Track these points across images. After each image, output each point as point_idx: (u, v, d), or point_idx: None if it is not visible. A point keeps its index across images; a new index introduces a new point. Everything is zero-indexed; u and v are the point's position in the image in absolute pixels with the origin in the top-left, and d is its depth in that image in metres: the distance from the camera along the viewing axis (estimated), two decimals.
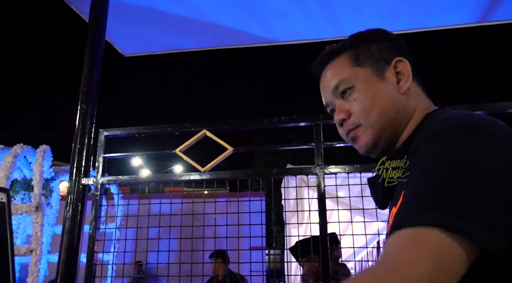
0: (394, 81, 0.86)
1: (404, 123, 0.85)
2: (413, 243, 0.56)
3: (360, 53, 0.89)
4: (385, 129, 0.85)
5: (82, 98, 2.31)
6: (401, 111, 0.85)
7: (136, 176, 2.22)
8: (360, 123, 0.87)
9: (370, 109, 0.84)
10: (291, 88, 34.60)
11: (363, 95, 0.85)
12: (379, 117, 0.84)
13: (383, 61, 0.87)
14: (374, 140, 0.86)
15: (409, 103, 0.86)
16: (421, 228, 0.57)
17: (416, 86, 0.89)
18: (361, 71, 0.87)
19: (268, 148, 6.33)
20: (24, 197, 4.61)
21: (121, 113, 38.97)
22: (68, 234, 2.08)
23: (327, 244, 1.93)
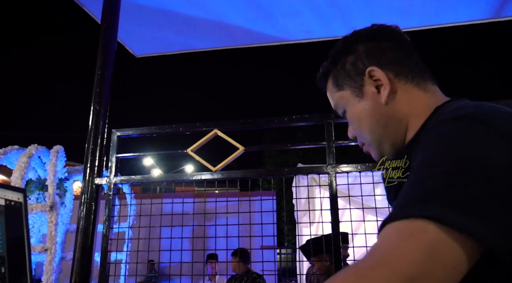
0: (374, 92, 0.83)
1: (401, 129, 0.82)
2: (405, 234, 0.53)
3: (338, 75, 0.89)
4: (383, 143, 0.85)
5: (95, 98, 2.34)
6: (390, 122, 0.82)
7: (148, 176, 2.24)
8: (363, 143, 0.91)
9: (361, 131, 0.87)
10: (303, 87, 34.46)
11: (352, 119, 0.89)
12: (371, 136, 0.86)
13: (358, 76, 0.85)
14: (379, 153, 0.88)
15: (398, 108, 0.82)
16: (415, 220, 0.54)
17: (405, 85, 0.82)
18: (344, 95, 0.88)
19: (279, 147, 6.33)
20: (39, 196, 4.68)
21: (133, 113, 39.28)
22: (82, 233, 2.10)
23: (339, 243, 1.92)
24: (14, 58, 45.20)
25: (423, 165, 0.61)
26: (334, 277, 0.55)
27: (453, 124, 0.63)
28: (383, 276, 0.50)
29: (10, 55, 45.64)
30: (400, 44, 0.86)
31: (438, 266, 0.51)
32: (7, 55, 45.51)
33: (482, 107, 0.65)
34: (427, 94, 0.82)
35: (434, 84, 0.85)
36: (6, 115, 42.49)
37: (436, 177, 0.57)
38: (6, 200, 0.81)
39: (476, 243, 0.52)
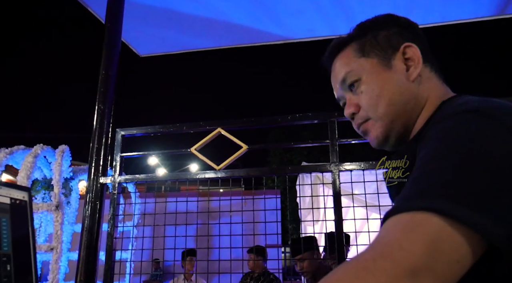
0: (403, 69, 0.81)
1: (415, 114, 0.80)
2: (408, 226, 0.52)
3: (366, 43, 0.85)
4: (395, 121, 0.80)
5: (99, 98, 2.35)
6: (412, 101, 0.80)
7: (152, 175, 2.25)
8: (369, 117, 0.83)
9: (377, 101, 0.81)
10: (307, 86, 34.44)
11: (370, 87, 0.82)
12: (387, 109, 0.80)
13: (390, 49, 0.83)
14: (384, 133, 0.82)
15: (420, 91, 0.80)
16: (419, 213, 0.53)
17: (429, 72, 0.83)
18: (367, 62, 0.83)
19: (283, 146, 6.33)
20: (45, 196, 4.72)
21: (137, 112, 39.37)
22: (87, 232, 2.12)
23: (343, 241, 1.92)
24: (17, 59, 45.58)
25: (427, 159, 0.61)
26: (337, 269, 0.55)
27: (458, 118, 0.63)
28: (385, 268, 0.49)
29: (14, 57, 46.02)
30: (422, 37, 0.86)
31: (441, 259, 0.50)
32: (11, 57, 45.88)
33: (486, 102, 0.65)
34: (443, 87, 0.83)
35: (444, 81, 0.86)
36: (11, 116, 42.83)
37: (440, 170, 0.57)
38: (11, 198, 0.82)
39: (480, 236, 0.52)
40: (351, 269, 0.52)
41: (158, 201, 2.39)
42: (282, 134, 15.31)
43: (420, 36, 0.86)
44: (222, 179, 2.18)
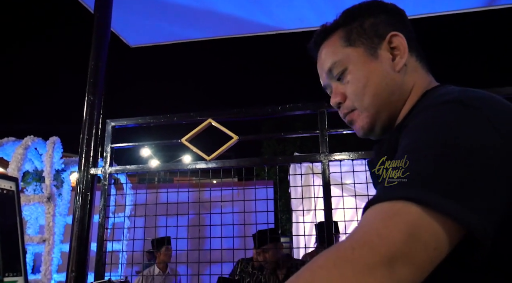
0: (389, 59, 0.81)
1: (400, 103, 0.81)
2: (387, 215, 0.54)
3: (352, 31, 0.84)
4: (381, 112, 0.81)
5: (89, 89, 2.34)
6: (397, 91, 0.80)
7: (143, 166, 2.26)
8: (354, 107, 0.84)
9: (363, 92, 0.81)
10: (298, 76, 34.36)
11: (356, 77, 0.82)
12: (373, 100, 0.81)
13: (377, 38, 0.82)
14: (370, 123, 0.83)
15: (405, 81, 0.81)
16: (397, 202, 0.54)
17: (415, 62, 0.83)
18: (353, 51, 0.83)
19: (273, 136, 6.34)
20: (36, 188, 4.70)
21: (129, 104, 39.08)
22: (78, 223, 2.12)
23: (332, 230, 1.95)
24: (6, 51, 44.87)
25: (407, 149, 0.62)
26: (317, 257, 0.56)
27: (438, 109, 0.64)
28: (363, 256, 0.50)
29: (2, 48, 45.30)
30: (409, 26, 0.86)
31: (419, 246, 0.51)
32: None
33: (467, 92, 0.66)
34: (428, 76, 0.84)
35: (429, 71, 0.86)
36: (1, 108, 42.32)
37: (419, 161, 0.58)
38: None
39: (457, 224, 0.53)
40: (330, 257, 0.53)
41: (149, 192, 2.40)
42: (275, 126, 15.33)
43: (407, 24, 0.85)
44: (213, 170, 2.19)
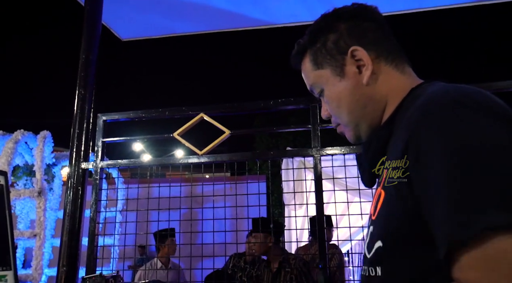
0: (356, 72, 0.83)
1: (378, 110, 0.84)
2: (488, 263, 0.54)
3: (317, 53, 0.87)
4: (360, 124, 0.85)
5: (80, 83, 2.32)
6: (370, 103, 0.83)
7: (134, 160, 2.25)
8: (338, 123, 0.90)
9: (338, 111, 0.87)
10: (291, 71, 34.30)
11: (330, 98, 0.87)
12: (349, 117, 0.85)
13: (340, 55, 0.84)
14: (354, 135, 0.88)
15: (377, 89, 0.83)
16: (484, 240, 0.53)
17: (385, 66, 0.83)
18: (323, 74, 0.87)
19: (265, 131, 6.35)
20: (27, 182, 4.65)
21: (120, 98, 38.81)
22: (70, 217, 2.11)
23: (323, 224, 1.96)
24: None
25: (446, 169, 0.59)
26: None
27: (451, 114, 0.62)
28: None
29: None
30: (380, 25, 0.86)
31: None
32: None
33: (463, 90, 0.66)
34: (405, 76, 0.84)
35: (409, 66, 0.86)
36: None
37: (467, 180, 0.57)
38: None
39: None
40: None
41: (141, 186, 2.39)
42: (268, 121, 15.32)
43: (369, 29, 0.85)
44: (206, 165, 2.19)
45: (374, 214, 0.78)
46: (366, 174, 0.87)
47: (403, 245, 0.68)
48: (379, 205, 0.76)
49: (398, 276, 0.70)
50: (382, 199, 0.75)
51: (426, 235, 0.63)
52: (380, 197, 0.76)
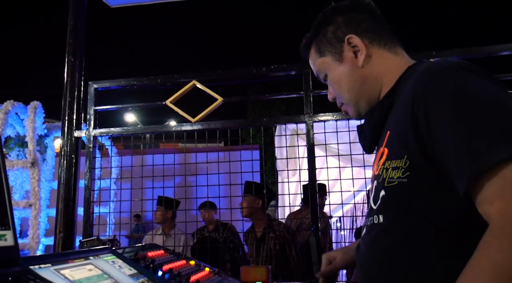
0: (352, 57, 0.95)
1: (376, 88, 0.94)
2: (509, 185, 0.59)
3: (320, 43, 1.00)
4: (360, 101, 0.97)
5: (69, 50, 2.28)
6: (366, 82, 0.94)
7: (128, 128, 2.24)
8: (341, 102, 1.02)
9: (340, 92, 0.99)
10: (287, 37, 33.73)
11: (332, 81, 1.00)
12: (349, 95, 0.97)
13: (338, 43, 0.97)
14: (357, 111, 0.99)
15: (373, 69, 0.94)
16: (503, 169, 0.59)
17: (378, 49, 0.95)
18: (325, 61, 0.99)
19: (258, 97, 6.33)
20: (19, 153, 4.63)
21: (111, 67, 38.08)
22: (64, 185, 2.13)
23: (315, 190, 2.00)
24: None
25: (459, 117, 0.67)
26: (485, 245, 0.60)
27: (455, 73, 0.72)
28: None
29: None
30: (373, 15, 0.98)
31: None
32: None
33: (454, 60, 0.77)
34: (398, 56, 0.95)
35: (402, 49, 0.98)
36: None
37: (480, 122, 0.64)
38: None
39: None
40: None
41: (135, 154, 2.40)
42: (261, 91, 15.22)
43: (363, 19, 0.97)
44: (199, 133, 2.20)
45: (377, 170, 0.86)
46: (367, 140, 0.96)
47: (403, 194, 0.76)
48: (382, 161, 0.84)
49: (398, 221, 0.77)
50: (385, 156, 0.82)
51: (426, 183, 0.72)
52: (383, 155, 0.84)
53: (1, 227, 0.78)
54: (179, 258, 1.34)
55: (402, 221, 0.76)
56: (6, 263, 0.76)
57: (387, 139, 0.84)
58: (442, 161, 0.68)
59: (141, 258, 1.13)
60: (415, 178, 0.74)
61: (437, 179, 0.71)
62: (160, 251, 1.34)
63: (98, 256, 1.05)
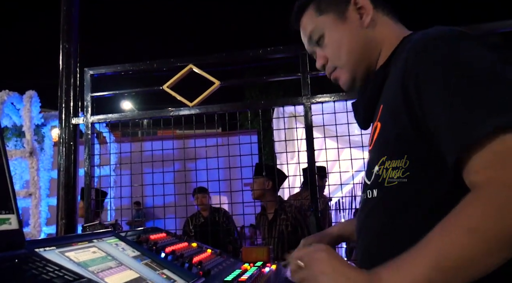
0: (357, 18, 0.92)
1: (375, 54, 0.91)
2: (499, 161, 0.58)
3: (321, 2, 0.95)
4: (358, 65, 0.92)
5: (63, 37, 2.25)
6: (368, 44, 0.91)
7: (126, 113, 2.24)
8: (335, 66, 0.95)
9: (339, 52, 0.93)
10: (281, 21, 33.33)
11: (331, 40, 0.94)
12: (349, 57, 0.92)
13: (343, 3, 0.93)
14: (351, 77, 0.94)
15: (376, 34, 0.91)
16: (492, 140, 0.58)
17: (382, 16, 0.93)
18: (325, 19, 0.94)
19: (255, 80, 6.28)
20: (17, 143, 4.63)
21: (108, 55, 37.66)
22: (64, 172, 2.13)
23: (314, 171, 2.01)
24: None
25: (447, 86, 0.65)
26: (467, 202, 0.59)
27: (447, 42, 0.70)
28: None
29: None
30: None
31: None
32: None
33: (445, 27, 0.75)
34: (397, 26, 0.94)
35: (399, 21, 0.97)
36: None
37: (470, 90, 0.62)
38: None
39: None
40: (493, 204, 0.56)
41: (133, 142, 2.40)
42: (258, 74, 15.15)
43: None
44: (197, 118, 2.19)
45: (371, 145, 0.86)
46: (362, 116, 0.95)
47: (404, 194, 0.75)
48: (375, 136, 0.84)
49: (390, 196, 0.77)
50: (378, 130, 0.83)
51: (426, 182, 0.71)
52: (377, 129, 0.83)
53: (5, 211, 0.79)
54: (181, 241, 1.36)
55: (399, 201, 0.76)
56: (11, 245, 0.77)
57: (380, 113, 0.83)
58: (433, 133, 0.67)
59: (144, 241, 1.14)
60: (415, 178, 0.73)
61: (437, 178, 0.70)
62: (162, 234, 1.36)
63: (101, 239, 1.06)
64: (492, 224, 0.55)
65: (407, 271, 0.58)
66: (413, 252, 0.59)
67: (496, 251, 0.55)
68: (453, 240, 0.56)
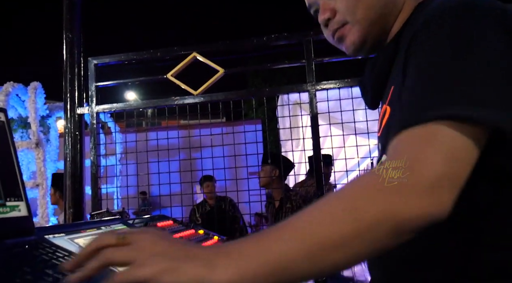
0: None
1: (393, 17, 0.79)
2: (423, 140, 0.54)
3: None
4: (373, 25, 0.78)
5: (66, 26, 2.25)
6: (389, 4, 0.77)
7: (130, 103, 2.24)
8: (346, 21, 0.79)
9: (356, 4, 0.77)
10: (286, 7, 33.05)
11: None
12: (366, 12, 0.77)
13: None
14: (362, 37, 0.79)
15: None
16: (429, 124, 0.54)
17: None
18: None
19: (259, 68, 6.23)
20: (23, 135, 4.66)
21: (112, 46, 37.60)
22: (71, 162, 2.15)
23: (320, 158, 2.01)
24: None
25: (420, 66, 0.60)
26: (358, 179, 0.57)
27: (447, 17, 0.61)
28: (409, 182, 0.53)
29: None
30: None
31: (458, 164, 0.53)
32: None
33: None
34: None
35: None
36: None
37: (436, 76, 0.57)
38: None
39: (486, 131, 0.54)
40: (373, 183, 0.55)
41: (138, 132, 2.41)
42: (262, 62, 15.07)
43: None
44: (202, 107, 2.19)
45: (379, 131, 0.79)
46: (370, 95, 0.86)
47: None
48: (384, 121, 0.77)
49: None
50: (388, 115, 0.75)
51: None
52: (386, 114, 0.76)
53: (14, 198, 0.80)
54: (188, 228, 1.37)
55: None
56: (21, 232, 0.78)
57: (391, 96, 0.75)
58: None
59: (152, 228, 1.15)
60: None
61: None
62: (169, 221, 1.37)
63: (109, 226, 1.07)
64: (369, 206, 0.52)
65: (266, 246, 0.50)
66: (280, 227, 0.53)
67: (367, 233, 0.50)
68: (325, 219, 0.52)
